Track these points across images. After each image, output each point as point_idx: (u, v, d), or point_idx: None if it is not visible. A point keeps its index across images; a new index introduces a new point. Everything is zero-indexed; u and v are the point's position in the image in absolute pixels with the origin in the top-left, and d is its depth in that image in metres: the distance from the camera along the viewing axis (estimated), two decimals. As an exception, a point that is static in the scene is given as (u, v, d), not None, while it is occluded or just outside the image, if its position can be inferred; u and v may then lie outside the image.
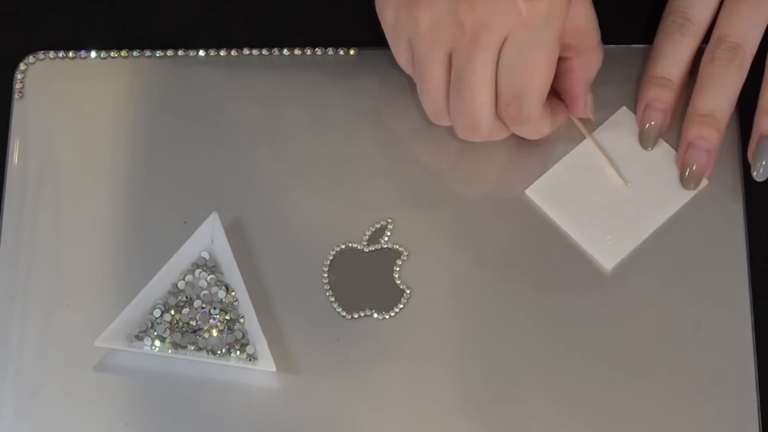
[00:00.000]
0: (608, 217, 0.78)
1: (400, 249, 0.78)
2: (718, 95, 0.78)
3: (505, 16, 0.71)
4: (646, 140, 0.79)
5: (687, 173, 0.78)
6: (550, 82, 0.74)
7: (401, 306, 0.77)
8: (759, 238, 0.78)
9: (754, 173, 0.77)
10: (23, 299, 0.77)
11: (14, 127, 0.81)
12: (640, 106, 0.79)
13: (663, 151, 0.79)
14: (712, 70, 0.78)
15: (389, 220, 0.78)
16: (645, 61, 0.80)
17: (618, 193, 0.78)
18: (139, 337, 0.76)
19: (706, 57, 0.78)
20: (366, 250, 0.78)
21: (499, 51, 0.72)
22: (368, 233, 0.78)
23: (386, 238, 0.78)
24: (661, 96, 0.79)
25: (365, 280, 0.77)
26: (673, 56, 0.79)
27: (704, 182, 0.78)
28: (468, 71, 0.72)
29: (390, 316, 0.77)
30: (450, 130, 0.78)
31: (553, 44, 0.72)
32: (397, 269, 0.77)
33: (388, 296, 0.77)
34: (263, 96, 0.81)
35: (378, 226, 0.78)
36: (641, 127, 0.79)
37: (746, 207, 0.78)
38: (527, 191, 0.78)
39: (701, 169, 0.78)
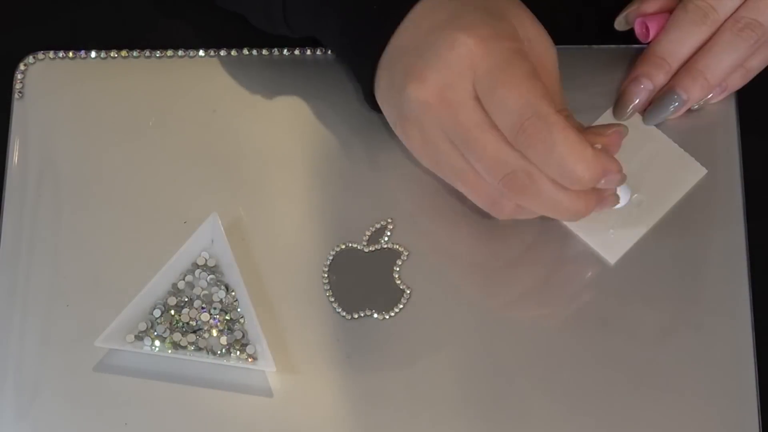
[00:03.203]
0: (609, 211, 0.77)
1: (400, 249, 0.78)
2: (673, 41, 0.77)
3: (454, 63, 0.69)
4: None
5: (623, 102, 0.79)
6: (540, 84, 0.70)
7: (401, 306, 0.77)
8: (759, 238, 0.78)
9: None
10: (23, 299, 0.77)
11: (14, 127, 0.81)
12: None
13: (661, 142, 0.79)
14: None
15: (389, 220, 0.78)
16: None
17: (618, 186, 0.78)
18: (139, 337, 0.76)
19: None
20: (366, 250, 0.78)
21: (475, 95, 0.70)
22: (368, 233, 0.78)
23: (386, 238, 0.78)
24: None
25: (365, 280, 0.77)
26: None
27: (702, 171, 0.78)
28: (460, 129, 0.70)
29: (390, 316, 0.77)
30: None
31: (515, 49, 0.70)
32: (397, 269, 0.77)
33: (388, 296, 0.77)
34: (263, 96, 0.81)
35: (378, 226, 0.78)
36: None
37: (746, 207, 0.78)
38: None
39: (639, 106, 0.78)
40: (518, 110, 0.68)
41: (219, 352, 0.75)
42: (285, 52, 0.82)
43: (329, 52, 0.82)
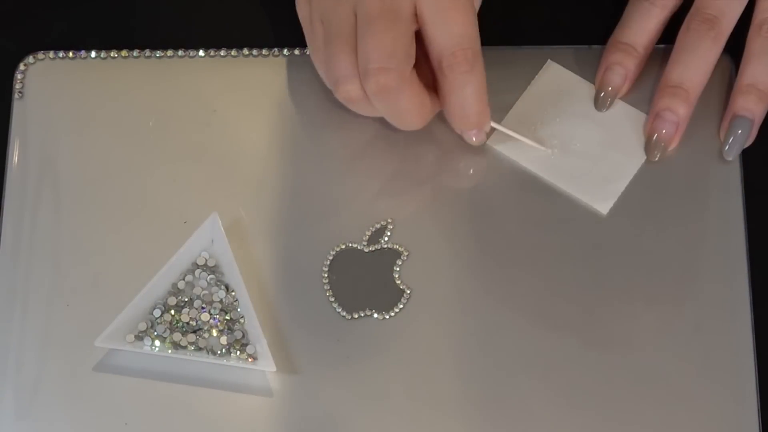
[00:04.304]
0: (595, 162, 0.78)
1: (400, 249, 0.78)
2: (690, 67, 0.77)
3: None
4: (601, 103, 0.79)
5: (652, 142, 0.78)
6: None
7: (401, 306, 0.77)
8: (759, 238, 0.78)
9: (725, 149, 0.77)
10: (23, 299, 0.77)
11: (14, 127, 0.81)
12: (600, 69, 0.79)
13: (624, 110, 0.80)
14: (686, 41, 0.77)
15: (389, 220, 0.78)
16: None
17: (593, 139, 0.79)
18: (139, 337, 0.76)
19: (682, 28, 0.78)
20: (366, 250, 0.78)
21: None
22: (368, 233, 0.78)
23: (386, 238, 0.78)
24: (622, 61, 0.78)
25: (365, 280, 0.77)
26: (639, 24, 0.78)
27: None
28: (376, 8, 0.73)
29: (390, 316, 0.77)
30: (449, 129, 0.78)
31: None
32: (397, 269, 0.77)
33: (388, 296, 0.77)
34: (263, 96, 0.81)
35: (378, 226, 0.78)
36: (598, 89, 0.79)
37: (746, 207, 0.78)
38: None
39: (667, 139, 0.78)
40: (459, 37, 0.73)
41: (219, 352, 0.76)
42: (285, 52, 0.82)
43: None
